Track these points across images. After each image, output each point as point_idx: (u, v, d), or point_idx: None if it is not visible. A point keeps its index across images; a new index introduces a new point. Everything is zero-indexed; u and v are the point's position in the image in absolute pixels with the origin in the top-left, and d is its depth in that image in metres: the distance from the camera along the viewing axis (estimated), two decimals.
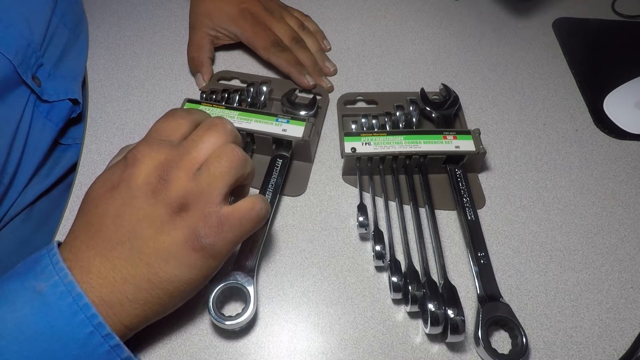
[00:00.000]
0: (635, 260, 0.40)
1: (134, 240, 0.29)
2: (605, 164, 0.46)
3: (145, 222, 0.29)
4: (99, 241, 0.29)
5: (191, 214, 0.29)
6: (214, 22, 0.52)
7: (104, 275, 0.28)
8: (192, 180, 0.29)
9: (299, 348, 0.35)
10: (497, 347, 0.34)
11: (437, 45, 0.57)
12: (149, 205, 0.29)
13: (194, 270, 0.30)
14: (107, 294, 0.28)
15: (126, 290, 0.28)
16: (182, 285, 0.30)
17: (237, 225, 0.30)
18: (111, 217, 0.29)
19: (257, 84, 0.49)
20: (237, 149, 0.31)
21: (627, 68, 0.54)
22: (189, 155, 0.30)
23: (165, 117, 0.33)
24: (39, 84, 0.46)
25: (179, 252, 0.29)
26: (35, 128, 0.46)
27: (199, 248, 0.29)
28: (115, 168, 0.31)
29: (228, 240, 0.30)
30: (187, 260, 0.29)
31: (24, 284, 0.27)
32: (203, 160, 0.30)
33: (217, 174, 0.29)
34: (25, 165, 0.45)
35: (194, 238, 0.29)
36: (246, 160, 0.31)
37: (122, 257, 0.28)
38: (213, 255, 0.30)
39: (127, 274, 0.28)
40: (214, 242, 0.29)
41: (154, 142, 0.31)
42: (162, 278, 0.29)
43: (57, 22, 0.50)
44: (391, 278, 0.36)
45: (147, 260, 0.29)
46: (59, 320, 0.26)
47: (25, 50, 0.44)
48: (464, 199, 0.41)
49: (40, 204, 0.49)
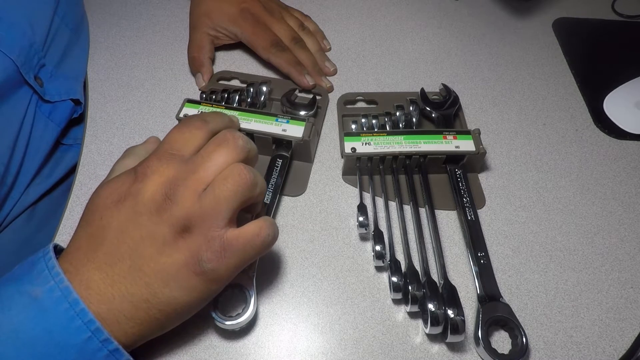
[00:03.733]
0: (635, 260, 0.40)
1: (135, 258, 0.28)
2: (605, 164, 0.46)
3: (147, 240, 0.28)
4: (100, 255, 0.28)
5: (194, 236, 0.28)
6: (214, 22, 0.52)
7: (102, 292, 0.27)
8: (197, 201, 0.28)
9: (299, 348, 0.35)
10: (497, 347, 0.34)
11: (437, 45, 0.57)
12: (152, 224, 0.28)
13: (194, 294, 0.29)
14: (105, 311, 0.27)
15: (124, 308, 0.28)
16: (180, 308, 0.29)
17: (241, 251, 0.29)
18: (115, 232, 0.28)
19: (257, 84, 0.49)
20: (245, 171, 0.29)
21: (627, 68, 0.54)
22: (196, 174, 0.29)
23: (181, 127, 0.32)
24: (41, 84, 0.46)
25: (179, 275, 0.28)
26: (38, 128, 0.46)
27: (200, 272, 0.28)
28: (124, 179, 0.30)
29: (230, 265, 0.29)
30: (187, 284, 0.29)
31: (20, 289, 0.27)
32: (210, 180, 0.29)
33: (221, 198, 0.28)
34: (28, 165, 0.46)
35: (195, 262, 0.28)
36: (254, 182, 0.30)
37: (122, 274, 0.28)
38: (214, 280, 0.29)
39: (126, 292, 0.28)
40: (215, 267, 0.29)
41: (165, 156, 0.30)
42: (160, 299, 0.28)
43: (59, 22, 0.50)
44: (391, 278, 0.36)
45: (146, 280, 0.28)
46: (55, 327, 0.26)
47: (27, 50, 0.44)
48: (464, 199, 0.41)
49: (42, 204, 0.49)
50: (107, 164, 0.45)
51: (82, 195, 0.43)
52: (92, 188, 0.43)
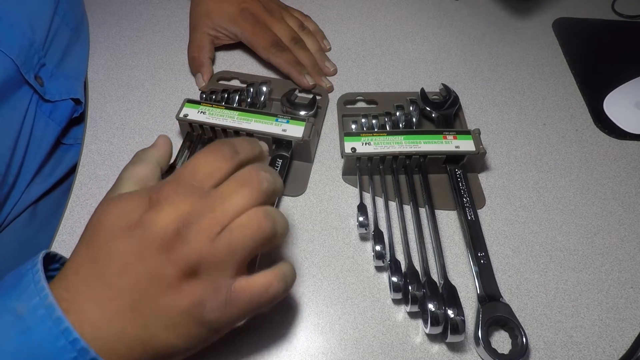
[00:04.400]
0: (635, 260, 0.40)
1: (135, 294, 0.26)
2: (605, 164, 0.46)
3: (152, 279, 0.26)
4: (100, 285, 0.26)
5: (201, 282, 0.26)
6: (214, 22, 0.52)
7: (97, 327, 0.26)
8: (209, 244, 0.26)
9: (299, 348, 0.35)
10: (497, 347, 0.34)
11: (437, 45, 0.57)
12: (159, 262, 0.26)
13: (192, 341, 0.28)
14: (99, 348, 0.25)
15: (117, 348, 0.26)
16: (175, 353, 0.28)
17: (246, 303, 0.27)
18: (119, 263, 0.27)
19: (256, 84, 0.49)
20: (265, 222, 0.27)
21: (627, 68, 0.54)
22: (213, 214, 0.27)
23: (209, 154, 0.29)
24: (41, 83, 0.46)
25: (180, 321, 0.27)
26: (38, 128, 0.46)
27: (202, 321, 0.27)
28: (136, 203, 0.28)
29: (234, 316, 0.28)
30: (187, 331, 0.27)
31: (6, 304, 0.25)
32: (227, 223, 0.27)
33: (237, 246, 0.27)
34: (29, 164, 0.46)
35: (199, 310, 0.26)
36: (273, 233, 0.28)
37: (120, 310, 0.26)
38: (215, 330, 0.28)
39: (122, 332, 0.26)
40: (218, 317, 0.27)
41: (183, 186, 0.28)
42: (156, 343, 0.27)
43: (59, 22, 0.50)
44: (391, 278, 0.36)
45: (144, 321, 0.26)
46: (40, 347, 0.25)
47: (27, 50, 0.44)
48: (464, 199, 0.41)
49: (43, 204, 0.49)
50: (107, 164, 0.45)
51: (82, 195, 0.43)
52: (92, 188, 0.43)
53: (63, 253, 0.39)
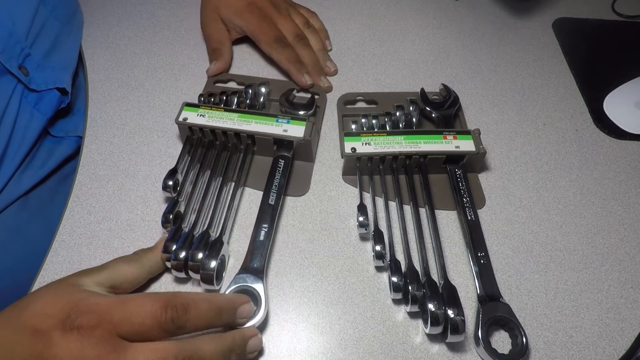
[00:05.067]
0: (635, 260, 0.40)
1: None
2: (605, 164, 0.46)
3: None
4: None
5: None
6: (223, 16, 0.53)
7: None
8: None
9: (299, 348, 0.35)
10: (497, 347, 0.34)
11: (437, 45, 0.57)
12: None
13: None
14: None
15: None
16: None
17: None
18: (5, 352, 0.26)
19: (255, 85, 0.49)
20: None
21: (627, 68, 0.54)
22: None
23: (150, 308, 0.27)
24: (26, 73, 0.46)
25: None
26: (23, 117, 0.46)
27: None
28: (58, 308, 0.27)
29: None
30: None
31: None
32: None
33: None
34: (12, 153, 0.46)
35: None
36: None
37: None
38: None
39: None
40: None
41: (102, 328, 0.26)
42: None
43: (47, 14, 0.50)
44: (391, 278, 0.36)
45: None
46: None
47: (7, 40, 0.44)
48: (464, 199, 0.41)
49: (35, 194, 0.49)
50: (107, 164, 0.45)
51: (82, 195, 0.43)
52: (92, 188, 0.43)
53: (63, 253, 0.39)
